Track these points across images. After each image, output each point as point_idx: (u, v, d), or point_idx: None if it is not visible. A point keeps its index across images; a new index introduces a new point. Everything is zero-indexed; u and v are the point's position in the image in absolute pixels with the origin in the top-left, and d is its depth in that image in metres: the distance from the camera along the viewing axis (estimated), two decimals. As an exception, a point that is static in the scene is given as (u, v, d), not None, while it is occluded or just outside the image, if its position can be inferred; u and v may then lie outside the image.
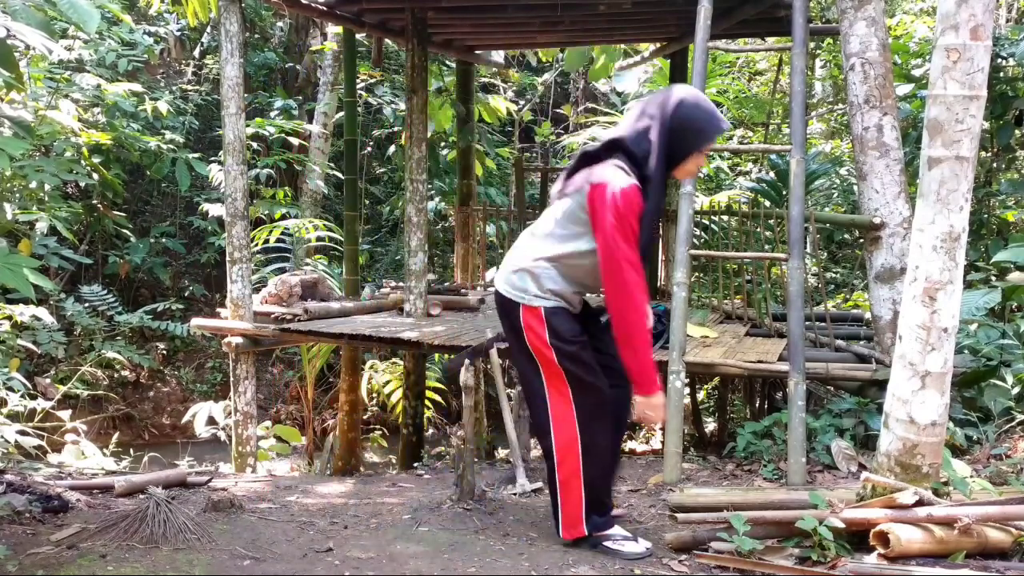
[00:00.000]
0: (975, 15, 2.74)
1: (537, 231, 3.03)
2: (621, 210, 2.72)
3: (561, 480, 3.03)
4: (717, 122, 2.83)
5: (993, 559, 2.77)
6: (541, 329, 2.94)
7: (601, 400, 2.99)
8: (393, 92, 11.71)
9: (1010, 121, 6.85)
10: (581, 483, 3.00)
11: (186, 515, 3.20)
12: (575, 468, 2.99)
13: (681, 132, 2.79)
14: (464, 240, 8.63)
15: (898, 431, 2.94)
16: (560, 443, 2.99)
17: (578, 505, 3.03)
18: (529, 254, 2.99)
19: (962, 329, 4.96)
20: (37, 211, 6.35)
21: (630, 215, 2.74)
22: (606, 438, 3.03)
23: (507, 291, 3.01)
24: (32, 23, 3.71)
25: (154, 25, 10.86)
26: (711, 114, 2.82)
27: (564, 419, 2.98)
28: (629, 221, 2.74)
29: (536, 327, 2.95)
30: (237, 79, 5.81)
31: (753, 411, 6.58)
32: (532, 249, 2.99)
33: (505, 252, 8.74)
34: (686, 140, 2.80)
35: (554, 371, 2.97)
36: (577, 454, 2.98)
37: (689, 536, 3.06)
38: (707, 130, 2.81)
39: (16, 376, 5.51)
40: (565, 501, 3.05)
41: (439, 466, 5.78)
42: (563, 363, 2.95)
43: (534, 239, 3.02)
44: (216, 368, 10.34)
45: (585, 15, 6.61)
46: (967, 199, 2.82)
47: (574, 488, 3.01)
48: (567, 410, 2.98)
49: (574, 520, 3.05)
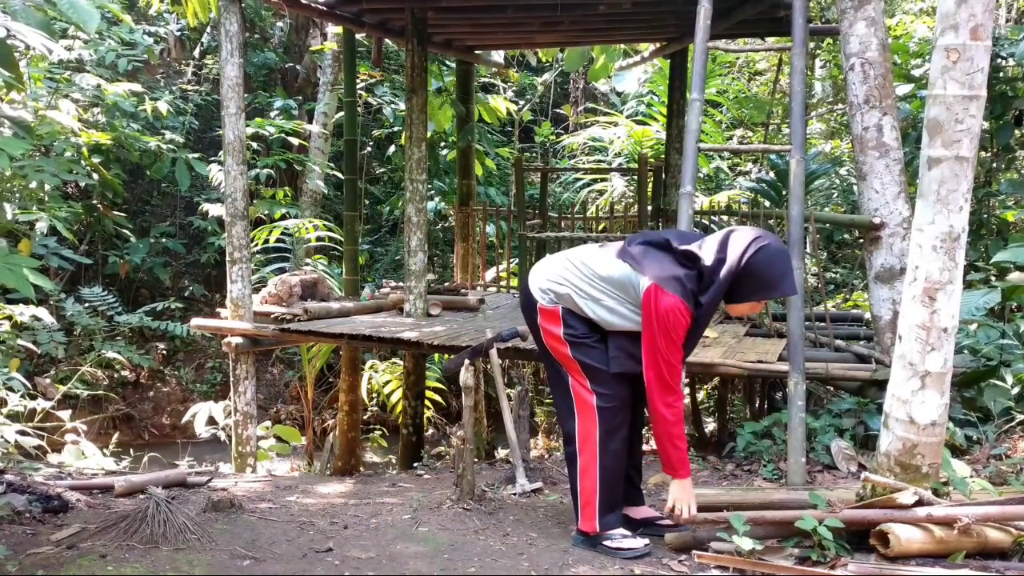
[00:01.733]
0: (975, 15, 2.74)
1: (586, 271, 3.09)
2: (671, 323, 2.88)
3: (581, 467, 3.11)
4: (783, 286, 2.92)
5: (993, 559, 2.77)
6: (556, 326, 3.12)
7: (618, 394, 3.10)
8: (393, 92, 11.71)
9: (1010, 121, 6.85)
10: (597, 473, 3.09)
11: (186, 515, 3.20)
12: (593, 455, 3.09)
13: (746, 279, 2.90)
14: (464, 240, 8.63)
15: (898, 431, 2.94)
16: (582, 432, 3.11)
17: (593, 494, 3.10)
18: (569, 283, 3.10)
19: (962, 329, 4.96)
20: (37, 211, 6.34)
21: (678, 328, 2.90)
22: (623, 433, 3.14)
23: (535, 291, 3.19)
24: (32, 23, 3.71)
25: (154, 25, 10.86)
26: (781, 277, 2.90)
27: (586, 410, 3.11)
28: (677, 333, 2.90)
29: (552, 325, 3.13)
30: (237, 79, 5.81)
31: (753, 411, 6.57)
32: (573, 280, 3.10)
33: (505, 252, 8.81)
34: (748, 288, 2.92)
35: (572, 365, 3.11)
36: (595, 444, 3.08)
37: (689, 536, 3.07)
38: (770, 289, 2.93)
39: (16, 376, 5.51)
40: (584, 488, 3.12)
41: (439, 466, 5.79)
42: (577, 356, 3.09)
43: (577, 273, 3.10)
44: (216, 368, 10.34)
45: (585, 15, 6.60)
46: (967, 199, 2.82)
47: (591, 476, 3.10)
48: (588, 401, 3.10)
49: (591, 512, 3.11)
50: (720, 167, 11.59)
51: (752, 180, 10.68)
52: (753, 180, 10.54)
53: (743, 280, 2.89)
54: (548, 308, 3.13)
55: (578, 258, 3.14)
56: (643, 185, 7.43)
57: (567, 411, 3.17)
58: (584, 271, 3.09)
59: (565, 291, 3.10)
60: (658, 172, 7.96)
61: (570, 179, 11.68)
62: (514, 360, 8.10)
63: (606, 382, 3.08)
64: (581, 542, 3.16)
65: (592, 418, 3.08)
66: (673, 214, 6.27)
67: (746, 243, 2.89)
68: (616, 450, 3.11)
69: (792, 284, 2.95)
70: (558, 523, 3.50)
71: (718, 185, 11.20)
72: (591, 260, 3.11)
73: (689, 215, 4.27)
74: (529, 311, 3.23)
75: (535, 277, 3.21)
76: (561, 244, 8.51)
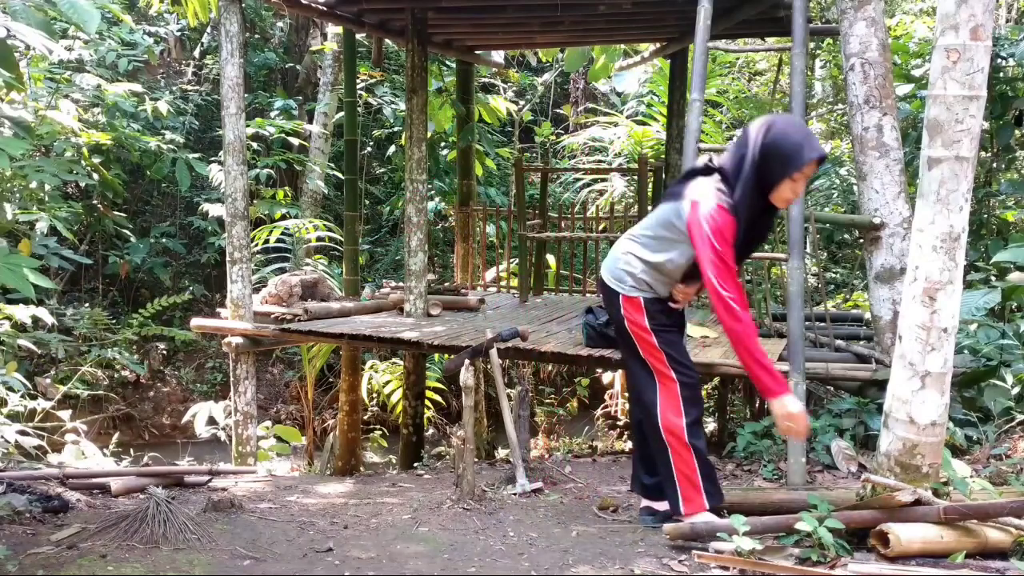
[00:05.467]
0: (975, 15, 2.74)
1: (636, 232, 3.26)
2: (717, 226, 2.90)
3: (674, 457, 3.13)
4: (807, 149, 2.85)
5: (993, 559, 2.77)
6: (640, 316, 3.18)
7: (696, 383, 3.19)
8: (393, 92, 11.71)
9: (1010, 121, 6.84)
10: (692, 455, 3.12)
11: (186, 515, 3.20)
12: (683, 442, 3.12)
13: (770, 160, 2.88)
14: (464, 240, 8.63)
15: (898, 431, 2.94)
16: (667, 423, 3.14)
17: (694, 472, 3.12)
18: (628, 253, 3.23)
19: (962, 329, 4.96)
20: (37, 211, 6.34)
21: (725, 230, 2.91)
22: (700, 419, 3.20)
23: (609, 280, 3.27)
24: (32, 23, 3.71)
25: (154, 25, 10.86)
26: (800, 142, 2.86)
27: (670, 399, 3.15)
28: (724, 236, 2.91)
29: (635, 314, 3.19)
30: (237, 79, 5.81)
31: (753, 411, 6.57)
32: (631, 249, 3.23)
33: (505, 252, 8.81)
34: (775, 167, 2.89)
35: (657, 355, 3.17)
36: (683, 430, 3.12)
37: (687, 527, 3.06)
38: (795, 158, 2.86)
39: (16, 376, 5.51)
40: (681, 474, 3.13)
41: (439, 466, 5.79)
42: (663, 347, 3.17)
43: (633, 241, 3.24)
44: (216, 368, 10.34)
45: (585, 15, 6.60)
46: (967, 199, 2.82)
47: (687, 460, 3.12)
48: (672, 389, 3.15)
49: (693, 492, 3.13)
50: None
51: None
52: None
53: (767, 163, 2.88)
54: (631, 297, 3.19)
55: (632, 231, 3.29)
56: (643, 185, 7.43)
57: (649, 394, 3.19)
58: (636, 233, 3.24)
59: (632, 265, 3.19)
60: (658, 172, 7.96)
61: (570, 179, 11.68)
62: (514, 360, 8.11)
63: (687, 367, 3.18)
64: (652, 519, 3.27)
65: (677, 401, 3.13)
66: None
67: (755, 130, 2.93)
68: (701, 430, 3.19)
69: (816, 144, 2.87)
70: (558, 523, 3.50)
71: (718, 185, 11.17)
72: (641, 225, 3.26)
73: (689, 215, 4.26)
74: (611, 302, 3.27)
75: (607, 267, 3.30)
76: (561, 244, 8.54)
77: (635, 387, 3.32)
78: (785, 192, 2.95)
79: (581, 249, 8.89)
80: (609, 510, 3.66)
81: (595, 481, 4.37)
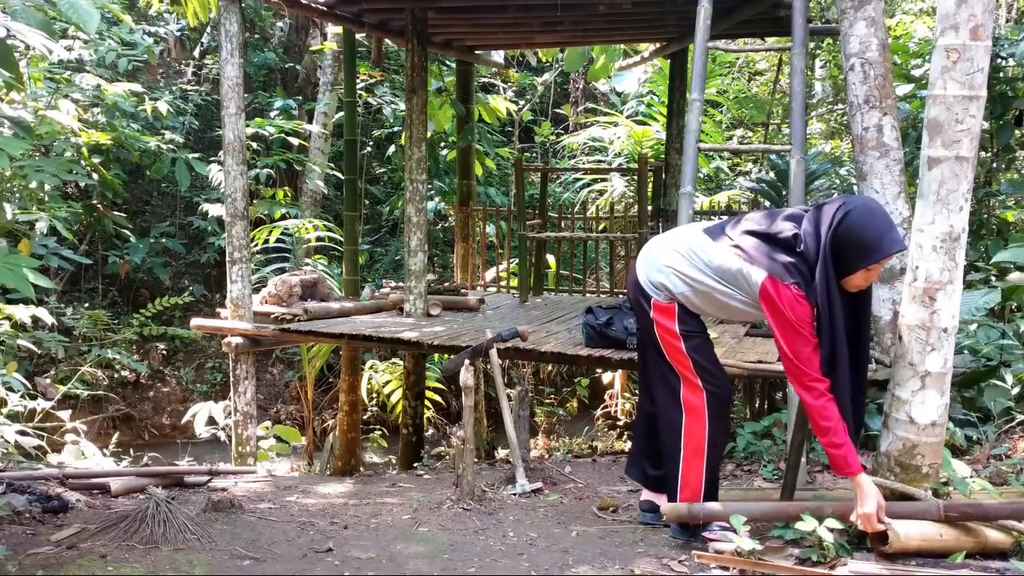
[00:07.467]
0: (975, 15, 2.74)
1: (684, 250, 3.10)
2: (796, 315, 2.80)
3: (683, 465, 3.11)
4: (884, 243, 2.73)
5: (993, 559, 2.77)
6: (671, 321, 3.11)
7: (724, 393, 3.13)
8: (393, 92, 11.71)
9: (1010, 121, 6.84)
10: (703, 469, 3.09)
11: (186, 515, 3.20)
12: (699, 453, 3.09)
13: (845, 250, 2.77)
14: (464, 240, 8.63)
15: (898, 431, 2.94)
16: (689, 431, 3.10)
17: (699, 484, 3.10)
18: (673, 271, 3.10)
19: (962, 329, 4.96)
20: (37, 211, 6.34)
21: (803, 318, 2.80)
22: (724, 432, 3.17)
23: (645, 285, 3.17)
24: (32, 23, 3.71)
25: (154, 25, 10.86)
26: (879, 236, 2.73)
27: (695, 408, 3.09)
28: (803, 322, 2.80)
29: (665, 319, 3.12)
30: (237, 79, 5.81)
31: (753, 411, 6.58)
32: (679, 267, 3.09)
33: (505, 252, 8.81)
34: (851, 258, 2.77)
35: (683, 361, 3.11)
36: (703, 441, 3.08)
37: (684, 509, 3.06)
38: (873, 251, 2.74)
39: (16, 376, 5.51)
40: (685, 484, 3.11)
41: (439, 466, 5.79)
42: (691, 353, 3.10)
43: (684, 260, 3.09)
44: (216, 368, 10.34)
45: (585, 15, 6.60)
46: (967, 199, 2.82)
47: (696, 471, 3.10)
48: (700, 397, 3.09)
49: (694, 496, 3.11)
50: (720, 167, 11.58)
51: (752, 180, 10.67)
52: (753, 180, 10.53)
53: (841, 252, 2.77)
54: (664, 304, 3.11)
55: (686, 246, 3.11)
56: (643, 185, 7.43)
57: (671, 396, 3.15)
58: (696, 262, 3.06)
59: (679, 285, 3.07)
60: (658, 172, 7.96)
61: (570, 179, 11.68)
62: (514, 360, 8.11)
63: (715, 376, 3.11)
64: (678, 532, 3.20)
65: (701, 410, 3.08)
66: (673, 214, 6.26)
67: (831, 215, 2.80)
68: (720, 444, 3.16)
69: (897, 238, 2.74)
70: (558, 523, 3.50)
71: (718, 185, 11.19)
72: (701, 249, 3.07)
73: (689, 215, 4.26)
74: (641, 305, 3.20)
75: (644, 268, 3.19)
76: (561, 244, 8.54)
77: (652, 384, 3.26)
78: (859, 279, 2.83)
79: (581, 249, 8.89)
80: (609, 510, 3.66)
81: (595, 481, 4.37)
